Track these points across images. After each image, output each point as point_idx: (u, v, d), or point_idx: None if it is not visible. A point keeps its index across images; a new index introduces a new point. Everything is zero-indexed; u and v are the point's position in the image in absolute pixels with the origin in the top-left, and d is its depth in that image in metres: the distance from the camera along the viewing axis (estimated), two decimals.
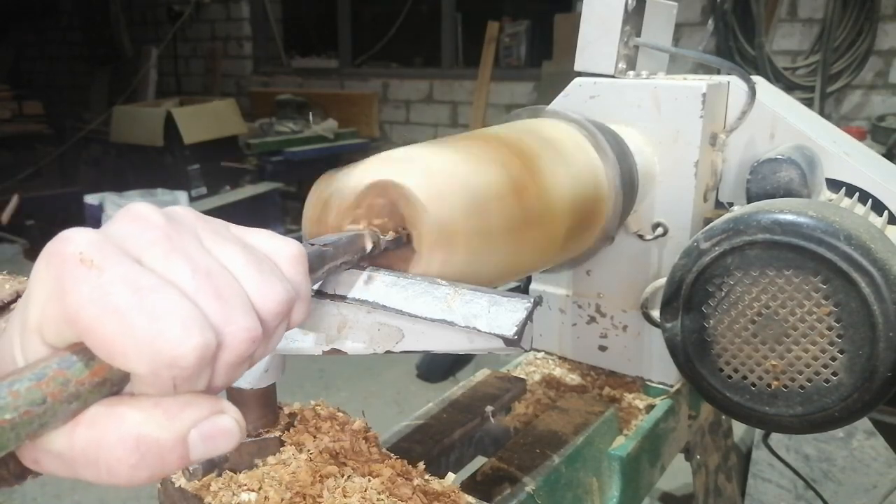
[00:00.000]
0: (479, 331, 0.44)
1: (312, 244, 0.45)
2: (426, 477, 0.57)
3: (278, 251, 0.37)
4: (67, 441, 0.29)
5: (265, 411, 0.57)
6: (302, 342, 0.52)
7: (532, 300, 0.45)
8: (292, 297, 0.35)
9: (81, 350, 0.29)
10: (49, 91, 6.78)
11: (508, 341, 0.43)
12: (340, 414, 0.63)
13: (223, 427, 0.31)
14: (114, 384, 0.30)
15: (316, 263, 0.43)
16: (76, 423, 0.29)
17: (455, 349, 0.46)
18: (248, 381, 0.55)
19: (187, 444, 0.30)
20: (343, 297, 0.49)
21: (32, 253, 3.64)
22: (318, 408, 0.63)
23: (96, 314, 0.28)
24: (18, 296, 0.42)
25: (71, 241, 0.29)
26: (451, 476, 0.58)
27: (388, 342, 0.48)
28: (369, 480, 0.54)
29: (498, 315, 0.44)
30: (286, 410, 0.62)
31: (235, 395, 0.56)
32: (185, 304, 0.29)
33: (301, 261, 0.37)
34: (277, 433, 0.58)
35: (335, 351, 0.50)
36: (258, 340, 0.32)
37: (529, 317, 0.44)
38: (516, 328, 0.43)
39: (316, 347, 0.51)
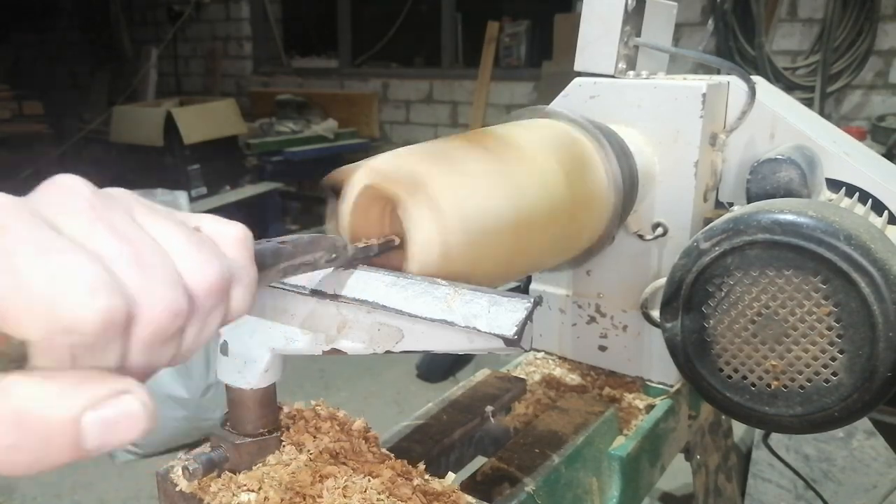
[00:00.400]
0: (478, 331, 0.44)
1: (269, 241, 0.44)
2: (426, 477, 0.57)
3: (221, 232, 0.35)
4: None
5: (265, 411, 0.57)
6: (302, 342, 0.52)
7: (532, 300, 0.45)
8: (227, 276, 0.33)
9: None
10: (49, 91, 6.78)
11: (508, 341, 0.43)
12: (340, 414, 0.63)
13: (126, 410, 0.27)
14: (11, 360, 0.26)
15: (270, 259, 0.42)
16: None
17: (455, 349, 0.46)
18: (248, 381, 0.55)
19: (80, 427, 0.26)
20: (343, 297, 0.49)
21: None
22: (318, 408, 0.63)
23: None
24: None
25: None
26: (450, 476, 0.58)
27: (388, 342, 0.48)
28: (369, 481, 0.54)
29: (498, 315, 0.44)
30: (286, 410, 0.62)
31: (236, 395, 0.56)
32: (95, 268, 0.27)
33: (244, 243, 0.36)
34: (277, 433, 0.58)
35: (335, 351, 0.50)
36: (182, 315, 0.30)
37: (529, 317, 0.44)
38: (516, 328, 0.43)
39: (316, 347, 0.51)
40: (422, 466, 0.58)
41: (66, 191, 0.30)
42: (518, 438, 0.72)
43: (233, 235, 0.35)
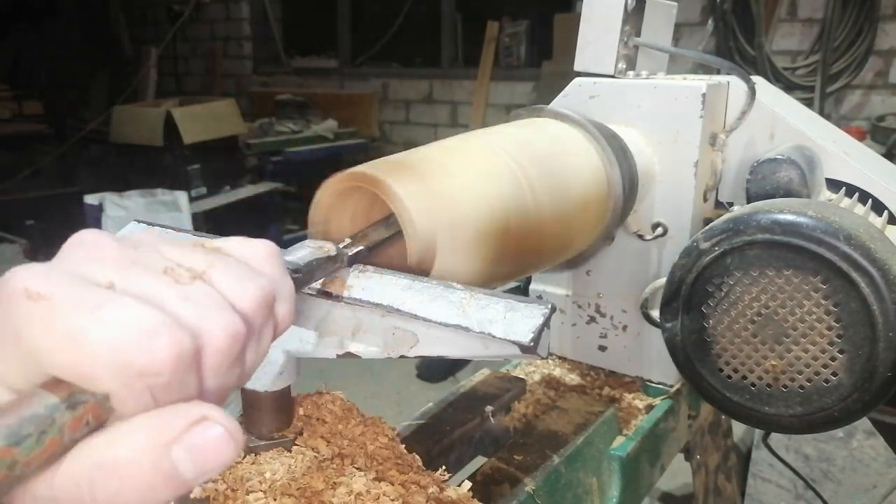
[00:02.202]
0: (494, 337, 0.43)
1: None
2: (441, 485, 0.57)
3: (249, 252, 0.36)
4: (47, 484, 0.27)
5: (279, 414, 0.57)
6: (316, 345, 0.52)
7: (549, 306, 0.43)
8: (270, 292, 0.34)
9: (55, 387, 0.27)
10: (49, 91, 6.77)
11: (524, 348, 0.42)
12: (356, 412, 0.62)
13: (209, 436, 0.28)
14: (99, 421, 0.28)
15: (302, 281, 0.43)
16: (58, 465, 0.27)
17: (470, 355, 0.45)
18: (263, 383, 0.54)
19: (172, 461, 0.27)
20: (358, 300, 0.48)
21: (32, 253, 3.64)
22: (332, 403, 0.62)
23: (53, 346, 0.26)
24: None
25: (16, 279, 0.27)
26: (466, 484, 0.58)
27: (402, 347, 0.47)
28: (382, 488, 0.54)
29: (514, 321, 0.43)
30: (301, 412, 0.61)
31: (250, 398, 0.55)
32: (148, 310, 0.27)
33: (275, 258, 0.37)
34: (291, 436, 0.58)
35: (349, 355, 0.50)
36: (241, 337, 0.31)
37: (546, 323, 0.43)
38: (532, 335, 0.42)
39: (330, 351, 0.51)
40: (438, 474, 0.57)
41: (91, 246, 0.30)
42: (518, 438, 0.72)
43: (262, 253, 0.36)
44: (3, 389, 0.27)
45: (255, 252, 0.36)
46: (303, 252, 0.45)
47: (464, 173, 0.56)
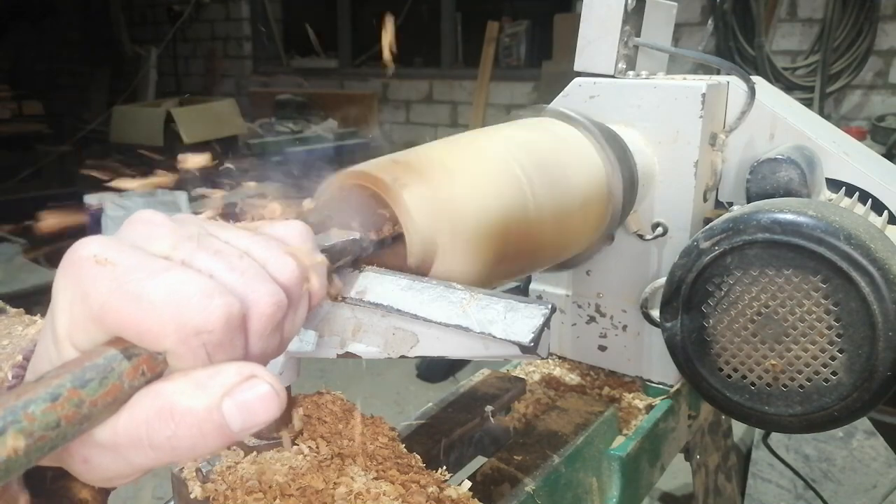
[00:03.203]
0: (494, 337, 0.43)
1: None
2: (441, 484, 0.57)
3: (283, 230, 0.39)
4: (111, 429, 0.30)
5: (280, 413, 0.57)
6: (317, 345, 0.52)
7: (549, 306, 0.44)
8: (305, 266, 0.37)
9: (117, 344, 0.30)
10: (49, 91, 6.78)
11: (524, 348, 0.42)
12: (356, 412, 0.62)
13: (257, 393, 0.31)
14: (155, 374, 0.31)
15: (336, 257, 0.45)
16: (119, 413, 0.30)
17: (470, 355, 0.45)
18: None
19: (223, 413, 0.30)
20: (358, 300, 0.48)
21: (32, 253, 3.64)
22: (333, 403, 0.62)
23: (118, 304, 0.30)
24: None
25: (85, 246, 0.31)
26: (466, 483, 0.58)
27: (402, 347, 0.47)
28: (382, 487, 0.54)
29: (514, 321, 0.43)
30: (300, 412, 0.61)
31: None
32: (201, 278, 0.31)
33: (307, 235, 0.40)
34: (291, 436, 0.58)
35: (349, 354, 0.50)
36: (283, 305, 0.34)
37: (546, 323, 0.43)
38: (532, 335, 0.42)
39: (330, 351, 0.51)
40: (438, 474, 0.57)
41: (148, 223, 0.34)
42: (518, 438, 0.72)
43: (296, 231, 0.40)
44: (70, 348, 0.31)
45: (290, 231, 0.39)
46: (329, 235, 0.48)
47: (468, 178, 0.56)
